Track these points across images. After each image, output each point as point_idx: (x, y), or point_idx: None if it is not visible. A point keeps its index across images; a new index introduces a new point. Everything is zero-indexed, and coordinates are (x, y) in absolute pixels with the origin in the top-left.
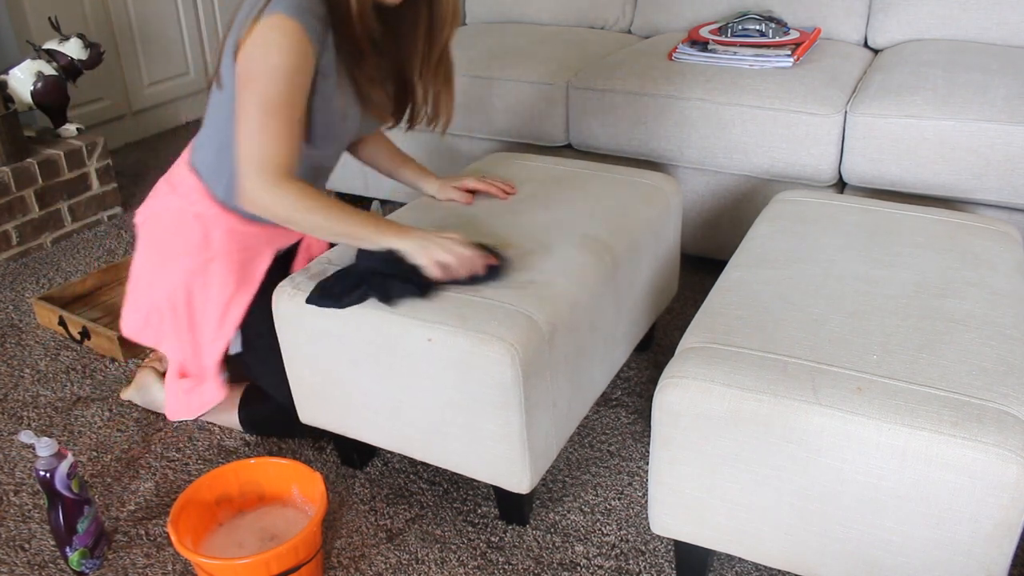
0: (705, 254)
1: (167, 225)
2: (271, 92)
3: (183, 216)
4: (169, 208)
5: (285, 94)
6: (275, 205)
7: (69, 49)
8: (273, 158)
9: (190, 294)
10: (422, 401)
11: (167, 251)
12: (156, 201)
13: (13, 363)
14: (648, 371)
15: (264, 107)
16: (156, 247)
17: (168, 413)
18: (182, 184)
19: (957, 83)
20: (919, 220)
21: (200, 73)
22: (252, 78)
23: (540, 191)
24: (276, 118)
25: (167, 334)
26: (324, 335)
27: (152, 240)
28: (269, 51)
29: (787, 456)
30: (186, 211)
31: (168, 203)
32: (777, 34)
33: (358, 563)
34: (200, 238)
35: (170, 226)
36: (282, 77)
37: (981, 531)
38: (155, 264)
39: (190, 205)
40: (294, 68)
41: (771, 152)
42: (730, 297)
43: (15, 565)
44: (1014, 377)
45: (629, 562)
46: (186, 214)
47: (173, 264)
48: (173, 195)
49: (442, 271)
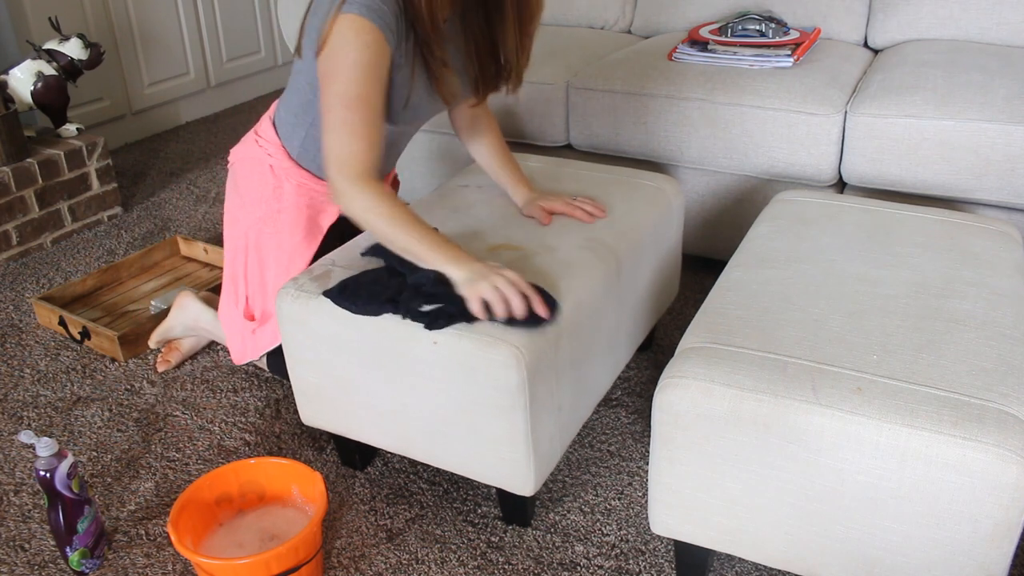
0: (705, 254)
1: (248, 171)
2: (350, 90)
3: (261, 165)
4: (251, 155)
5: (363, 91)
6: (350, 204)
7: (69, 49)
8: (352, 156)
9: (261, 237)
10: (427, 404)
11: (245, 194)
12: (243, 147)
13: (13, 363)
14: (648, 371)
15: (344, 104)
16: (237, 189)
17: (234, 356)
18: (264, 136)
19: (957, 83)
20: (919, 220)
21: (200, 73)
22: (332, 76)
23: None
24: (356, 114)
25: (242, 271)
26: (329, 337)
27: (235, 181)
28: (346, 50)
29: (787, 456)
30: (264, 161)
31: (251, 150)
32: (777, 34)
33: (358, 563)
34: (272, 188)
35: (250, 172)
36: (360, 75)
37: (981, 531)
38: (236, 205)
39: (268, 157)
40: (370, 64)
41: (771, 152)
42: (730, 297)
43: (15, 565)
44: (1014, 377)
45: (629, 562)
46: (263, 164)
47: (250, 207)
48: (256, 145)
49: (485, 309)
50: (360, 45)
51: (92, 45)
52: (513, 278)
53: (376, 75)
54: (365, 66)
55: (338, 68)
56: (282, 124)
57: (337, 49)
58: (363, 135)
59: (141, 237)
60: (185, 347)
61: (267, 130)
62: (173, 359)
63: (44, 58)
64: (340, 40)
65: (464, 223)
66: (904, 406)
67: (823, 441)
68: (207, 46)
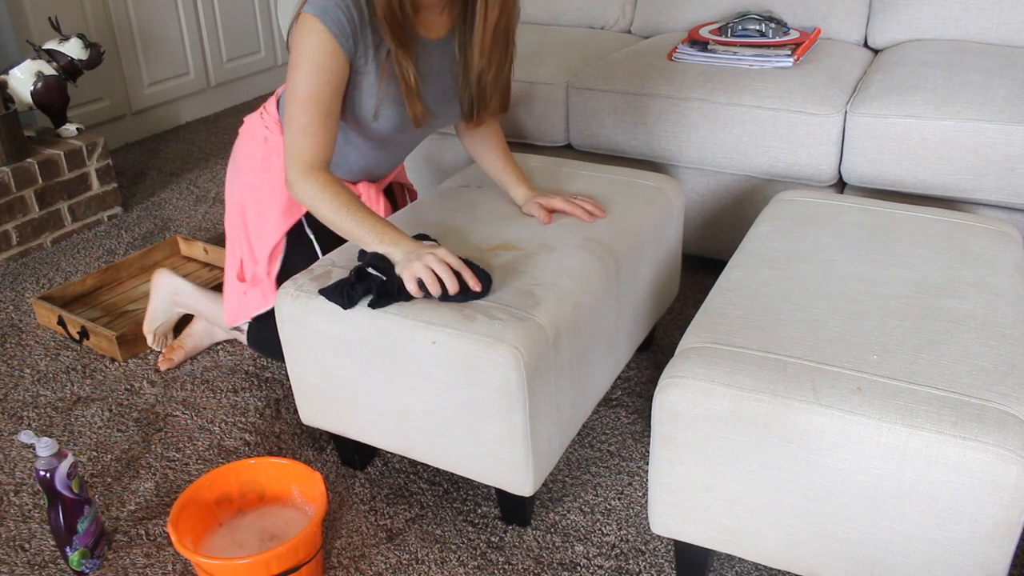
0: (705, 254)
1: (246, 140)
2: (299, 89)
3: (257, 136)
4: (253, 127)
5: (312, 89)
6: (298, 193)
7: (69, 49)
8: (300, 150)
9: (246, 204)
10: (426, 404)
11: (240, 161)
12: (251, 119)
13: (13, 363)
14: (648, 371)
15: (294, 101)
16: (235, 156)
17: (227, 317)
18: (268, 110)
19: (957, 83)
20: (919, 220)
21: (200, 73)
22: (289, 73)
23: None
24: (304, 112)
25: (235, 233)
26: (328, 337)
27: (236, 149)
28: (299, 48)
29: (787, 456)
30: (261, 134)
31: (255, 122)
32: (777, 34)
33: (358, 563)
34: (261, 159)
35: (247, 141)
36: (307, 73)
37: (981, 531)
38: (232, 171)
39: (265, 130)
40: (319, 65)
41: (771, 152)
42: (730, 297)
43: (15, 565)
44: (1014, 377)
45: (629, 562)
46: (260, 135)
47: (242, 174)
48: (259, 118)
49: (419, 287)
50: (311, 45)
51: (92, 45)
52: (444, 256)
53: (326, 76)
54: (313, 66)
55: (292, 65)
56: (281, 102)
57: (293, 47)
58: (311, 131)
59: (141, 237)
60: (188, 346)
61: (271, 105)
62: (176, 357)
63: (44, 58)
64: (295, 39)
65: (464, 223)
66: (904, 406)
67: (823, 441)
68: (207, 46)
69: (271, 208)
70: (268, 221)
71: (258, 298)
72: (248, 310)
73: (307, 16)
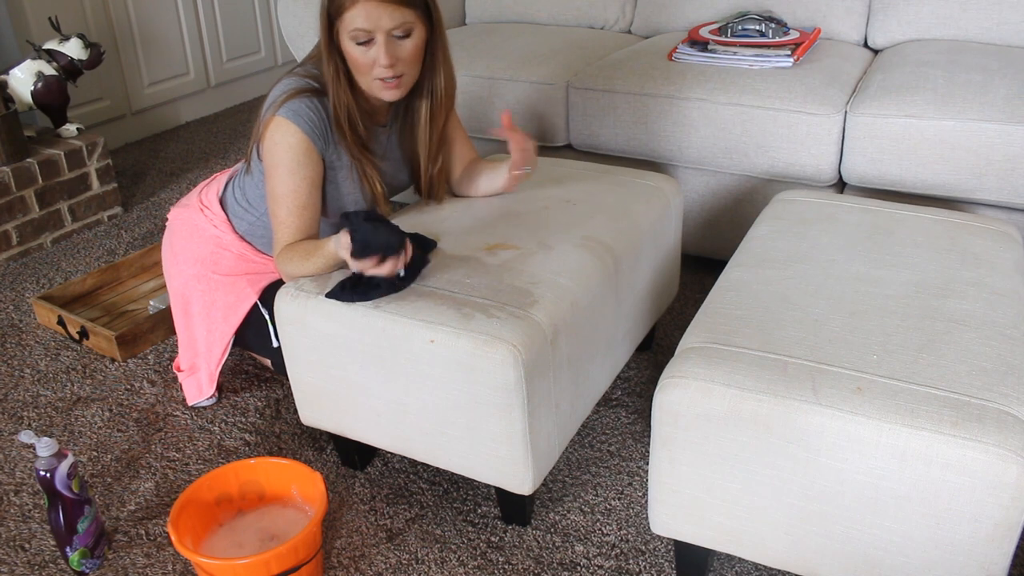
0: (705, 254)
1: (187, 234)
2: (278, 186)
3: (202, 232)
4: (193, 222)
5: (291, 186)
6: (282, 272)
7: (69, 49)
8: (280, 240)
9: (191, 294)
10: (425, 403)
11: (180, 253)
12: (185, 212)
13: (13, 363)
14: (648, 371)
15: (273, 198)
16: (172, 247)
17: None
18: (209, 208)
19: (957, 83)
20: (919, 220)
21: (200, 73)
22: (267, 173)
23: (540, 191)
24: (282, 207)
25: (177, 321)
26: (327, 337)
27: (171, 240)
28: (274, 152)
29: (787, 456)
30: (206, 230)
31: (194, 217)
32: (777, 34)
33: (358, 563)
34: (211, 253)
35: (189, 236)
36: (286, 172)
37: (981, 531)
38: (170, 262)
39: (212, 228)
40: (296, 163)
41: (771, 152)
42: (730, 297)
43: (15, 565)
44: (1014, 377)
45: (629, 562)
46: (205, 232)
47: (183, 266)
48: (200, 213)
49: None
50: (286, 147)
51: (92, 45)
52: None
53: (301, 173)
54: (293, 165)
55: (269, 166)
56: (230, 205)
57: (269, 149)
58: (287, 224)
59: (141, 237)
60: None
61: (212, 202)
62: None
63: (44, 58)
64: (271, 143)
65: (463, 223)
66: (904, 406)
67: (823, 441)
68: (207, 46)
69: (227, 297)
70: (223, 309)
71: (195, 387)
72: (188, 395)
73: (281, 120)
